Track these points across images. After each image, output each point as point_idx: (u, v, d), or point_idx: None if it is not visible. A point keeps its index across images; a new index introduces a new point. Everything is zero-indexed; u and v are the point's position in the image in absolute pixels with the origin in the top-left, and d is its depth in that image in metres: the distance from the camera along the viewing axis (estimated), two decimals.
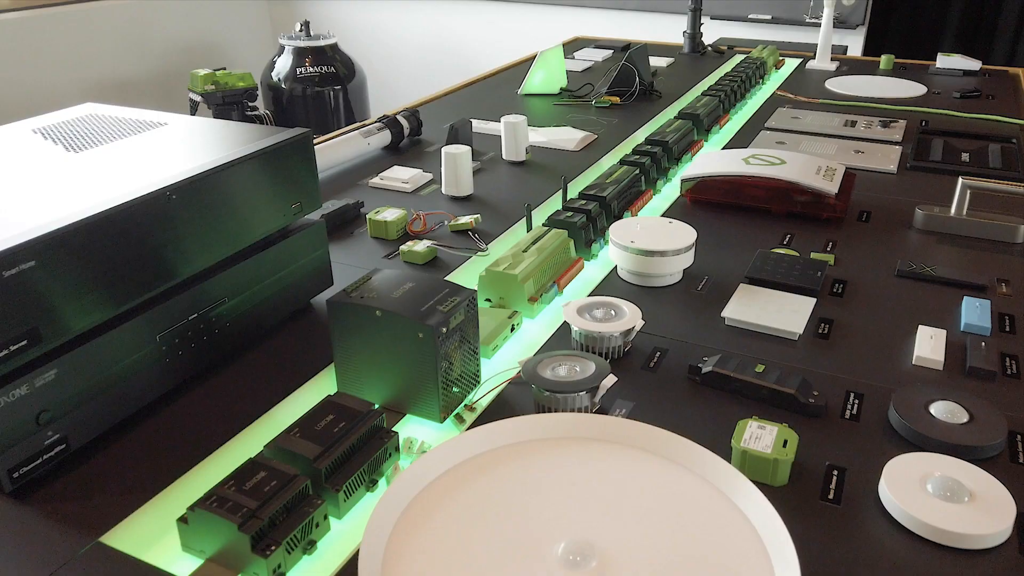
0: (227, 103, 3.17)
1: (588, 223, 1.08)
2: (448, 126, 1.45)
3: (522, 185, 1.33)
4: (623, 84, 1.86)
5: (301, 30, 3.51)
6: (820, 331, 0.90)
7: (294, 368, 0.83)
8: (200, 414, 0.75)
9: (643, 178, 1.27)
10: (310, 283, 0.93)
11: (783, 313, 0.91)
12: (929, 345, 0.85)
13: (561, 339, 0.89)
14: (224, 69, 3.24)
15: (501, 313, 0.91)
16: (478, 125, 1.62)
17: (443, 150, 1.24)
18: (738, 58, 2.32)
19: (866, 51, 3.28)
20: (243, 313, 0.84)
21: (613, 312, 0.86)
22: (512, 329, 0.89)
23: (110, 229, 0.68)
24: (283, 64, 3.49)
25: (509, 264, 0.94)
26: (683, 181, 1.27)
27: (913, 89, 1.96)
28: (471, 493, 0.62)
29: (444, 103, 1.85)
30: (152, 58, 3.71)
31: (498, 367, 0.83)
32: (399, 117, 1.52)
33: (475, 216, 1.15)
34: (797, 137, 1.56)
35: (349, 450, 0.65)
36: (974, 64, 2.11)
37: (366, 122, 1.52)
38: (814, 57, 2.24)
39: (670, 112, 1.76)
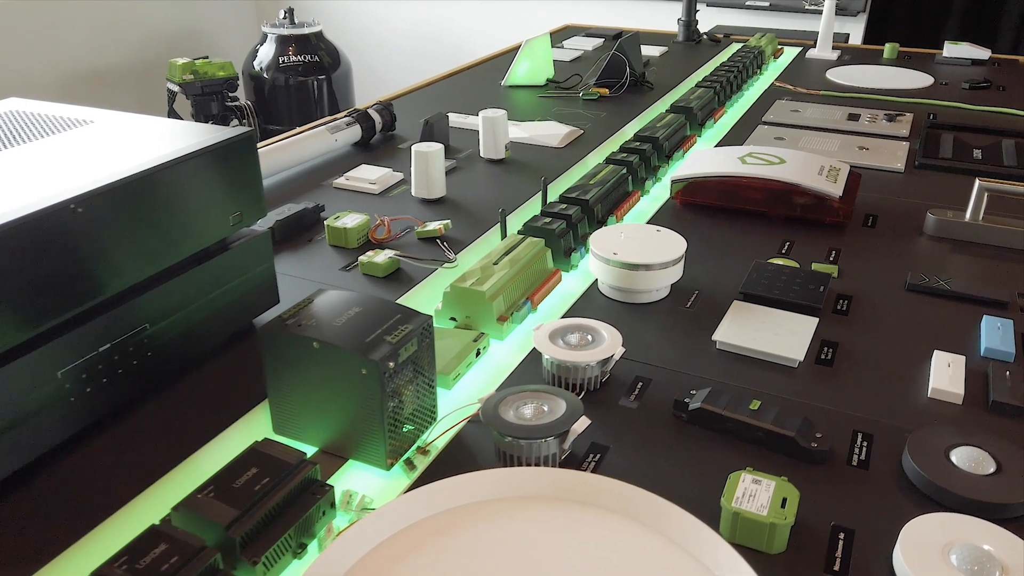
0: (206, 93, 3.06)
1: (568, 230, 0.98)
2: (423, 121, 1.35)
3: (499, 186, 1.23)
4: (613, 75, 1.75)
5: (285, 17, 3.39)
6: (823, 356, 0.80)
7: (227, 403, 0.73)
8: (106, 464, 0.65)
9: (630, 178, 1.17)
10: (252, 302, 0.83)
11: (781, 335, 0.81)
12: (947, 375, 0.75)
13: (533, 364, 0.79)
14: (206, 58, 3.12)
15: (466, 335, 0.81)
16: (457, 120, 1.52)
17: (413, 148, 1.14)
18: (735, 47, 2.22)
19: (867, 39, 3.17)
20: (169, 340, 0.73)
21: (590, 337, 0.76)
22: (478, 354, 0.80)
23: None
24: (266, 53, 3.37)
25: (477, 279, 0.84)
26: (673, 182, 1.17)
27: (919, 80, 1.86)
28: (415, 565, 0.53)
29: (423, 95, 1.74)
30: (131, 47, 3.59)
31: (460, 399, 0.74)
32: (371, 111, 1.42)
33: (444, 222, 1.05)
34: (797, 132, 1.46)
35: (273, 511, 0.56)
36: (983, 53, 2.01)
37: (335, 116, 1.42)
38: (814, 46, 2.14)
39: (662, 105, 1.66)
